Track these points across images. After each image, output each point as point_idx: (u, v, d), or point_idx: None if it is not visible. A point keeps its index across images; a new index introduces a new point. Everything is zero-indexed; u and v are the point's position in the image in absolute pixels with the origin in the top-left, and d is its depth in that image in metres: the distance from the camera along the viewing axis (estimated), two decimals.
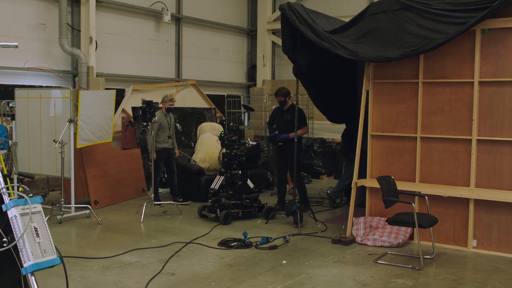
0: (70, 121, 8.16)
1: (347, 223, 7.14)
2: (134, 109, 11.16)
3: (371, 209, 7.31)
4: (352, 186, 7.11)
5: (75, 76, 11.65)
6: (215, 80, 15.45)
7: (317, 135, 13.73)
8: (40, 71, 10.96)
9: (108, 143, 9.39)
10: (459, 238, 6.70)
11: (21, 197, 3.31)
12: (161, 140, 9.18)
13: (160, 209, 8.92)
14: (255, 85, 16.50)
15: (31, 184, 9.82)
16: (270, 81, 16.22)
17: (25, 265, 3.17)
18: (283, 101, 8.76)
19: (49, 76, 11.21)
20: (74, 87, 11.38)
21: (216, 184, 8.30)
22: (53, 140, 7.98)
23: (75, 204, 8.34)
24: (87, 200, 8.88)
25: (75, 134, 8.42)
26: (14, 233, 3.20)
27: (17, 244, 3.18)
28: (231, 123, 9.58)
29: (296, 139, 8.11)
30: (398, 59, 6.80)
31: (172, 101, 9.37)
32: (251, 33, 16.75)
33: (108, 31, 12.32)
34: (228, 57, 16.05)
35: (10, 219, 3.22)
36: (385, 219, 6.45)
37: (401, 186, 6.74)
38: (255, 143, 11.47)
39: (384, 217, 6.87)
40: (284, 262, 6.06)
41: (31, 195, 3.29)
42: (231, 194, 8.19)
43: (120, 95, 11.58)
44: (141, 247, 6.62)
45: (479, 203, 6.54)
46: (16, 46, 3.98)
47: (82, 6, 11.54)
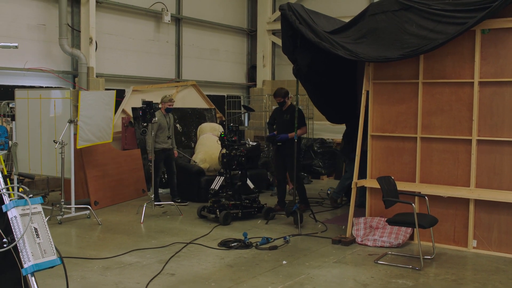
0: (70, 121, 8.16)
1: (347, 223, 7.13)
2: (134, 109, 11.15)
3: (371, 209, 7.31)
4: (352, 186, 7.11)
5: (75, 76, 11.64)
6: (215, 80, 15.44)
7: (317, 136, 13.71)
8: (40, 72, 10.96)
9: (108, 143, 9.39)
10: (459, 238, 6.70)
11: (21, 197, 3.31)
12: (161, 140, 9.18)
13: (160, 210, 8.92)
14: (255, 85, 16.49)
15: (31, 184, 9.82)
16: (270, 82, 16.20)
17: (25, 266, 3.17)
18: (282, 102, 8.77)
19: (49, 76, 11.21)
20: (74, 87, 11.37)
21: (216, 184, 8.30)
22: (53, 140, 7.98)
23: (75, 204, 8.34)
24: (87, 200, 8.88)
25: (75, 134, 8.42)
26: (14, 233, 3.20)
27: (17, 244, 3.18)
28: (231, 124, 9.59)
29: (296, 139, 8.12)
30: (398, 59, 6.80)
31: (171, 101, 9.35)
32: (251, 34, 16.74)
33: (108, 31, 12.32)
34: (228, 58, 16.04)
35: (10, 219, 3.22)
36: (385, 219, 6.45)
37: (401, 186, 6.74)
38: (255, 144, 11.47)
39: (384, 217, 6.87)
40: (284, 262, 6.05)
41: (31, 195, 3.29)
42: (230, 194, 8.19)
43: (120, 96, 11.58)
44: (141, 247, 6.62)
45: (479, 203, 6.54)
46: (16, 46, 3.98)
47: (82, 6, 11.54)
